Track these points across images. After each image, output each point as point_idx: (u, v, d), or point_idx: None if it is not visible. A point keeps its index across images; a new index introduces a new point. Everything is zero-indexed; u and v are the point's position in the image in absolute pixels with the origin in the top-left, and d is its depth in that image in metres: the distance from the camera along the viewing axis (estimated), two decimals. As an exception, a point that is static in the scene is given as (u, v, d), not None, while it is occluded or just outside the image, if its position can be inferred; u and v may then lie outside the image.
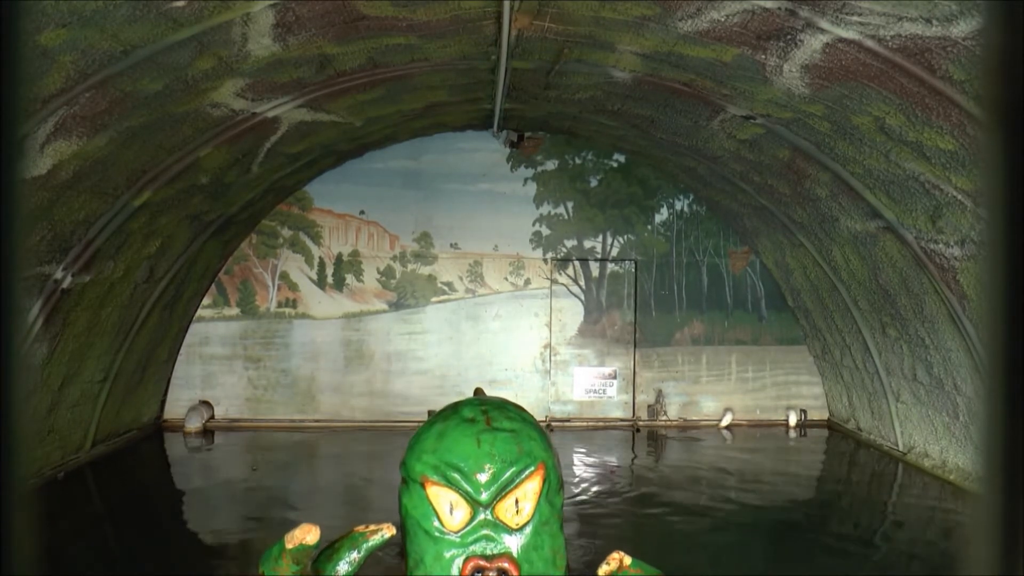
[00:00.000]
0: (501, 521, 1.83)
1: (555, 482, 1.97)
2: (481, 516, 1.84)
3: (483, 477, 1.84)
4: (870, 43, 4.44)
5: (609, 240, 10.06)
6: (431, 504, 1.86)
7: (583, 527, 6.20)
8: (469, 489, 1.83)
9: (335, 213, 9.81)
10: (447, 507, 1.85)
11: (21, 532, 0.56)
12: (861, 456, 8.60)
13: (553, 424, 9.88)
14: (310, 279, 9.85)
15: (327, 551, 2.17)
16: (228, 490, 7.41)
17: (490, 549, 1.79)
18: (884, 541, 6.15)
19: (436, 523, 1.83)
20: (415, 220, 9.92)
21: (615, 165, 9.99)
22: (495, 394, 9.48)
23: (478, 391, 3.17)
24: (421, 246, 9.96)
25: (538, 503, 1.88)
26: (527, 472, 1.88)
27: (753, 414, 10.07)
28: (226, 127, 6.33)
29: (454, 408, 2.07)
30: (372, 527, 2.12)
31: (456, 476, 1.84)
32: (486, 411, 2.00)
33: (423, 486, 1.87)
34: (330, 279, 9.86)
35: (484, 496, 1.83)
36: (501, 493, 1.85)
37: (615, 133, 8.67)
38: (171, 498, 7.16)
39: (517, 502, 1.84)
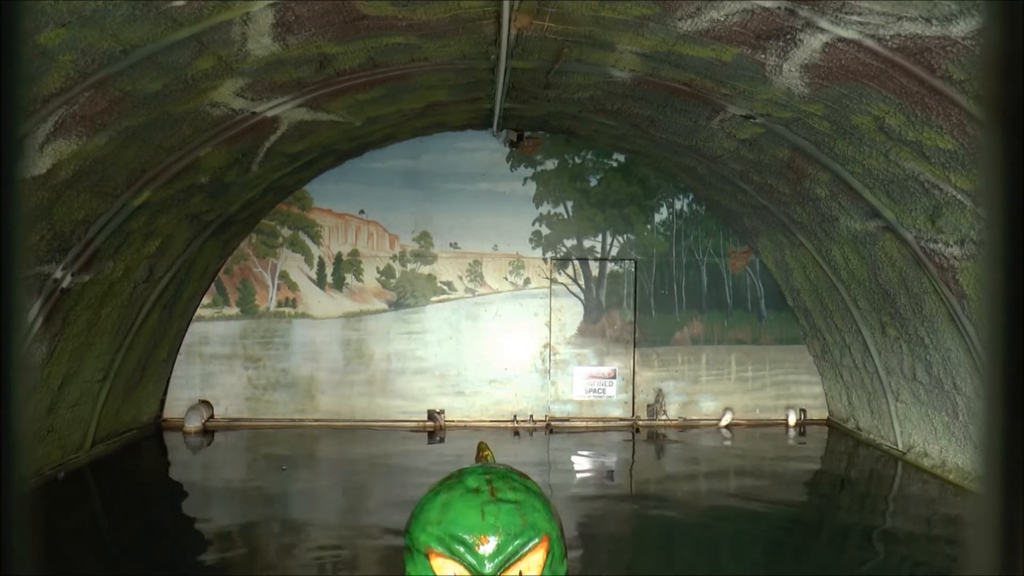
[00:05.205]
0: None
1: (559, 553, 2.02)
2: None
3: (487, 549, 1.90)
4: (870, 43, 4.44)
5: (609, 240, 10.06)
6: (435, 575, 1.91)
7: (582, 528, 6.20)
8: (473, 562, 1.89)
9: (335, 213, 9.81)
10: None
11: (21, 532, 0.56)
12: (860, 455, 8.60)
13: (553, 424, 9.88)
14: (310, 279, 9.85)
15: None
16: (228, 489, 7.41)
17: None
18: (883, 541, 6.15)
19: None
20: (415, 220, 9.92)
21: (615, 165, 9.99)
22: (496, 394, 9.49)
23: (481, 446, 3.21)
24: (421, 246, 9.96)
25: (541, 574, 1.93)
26: (531, 544, 1.92)
27: (753, 413, 10.07)
28: (226, 127, 6.33)
29: (459, 476, 2.11)
30: None
31: (460, 548, 1.89)
32: (490, 481, 2.05)
33: (428, 556, 1.92)
34: (330, 279, 9.86)
35: (488, 568, 1.89)
36: (505, 565, 1.90)
37: (615, 133, 8.67)
38: (171, 498, 7.16)
39: (521, 573, 1.89)
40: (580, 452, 9.01)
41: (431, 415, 9.80)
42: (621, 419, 10.02)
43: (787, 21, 4.52)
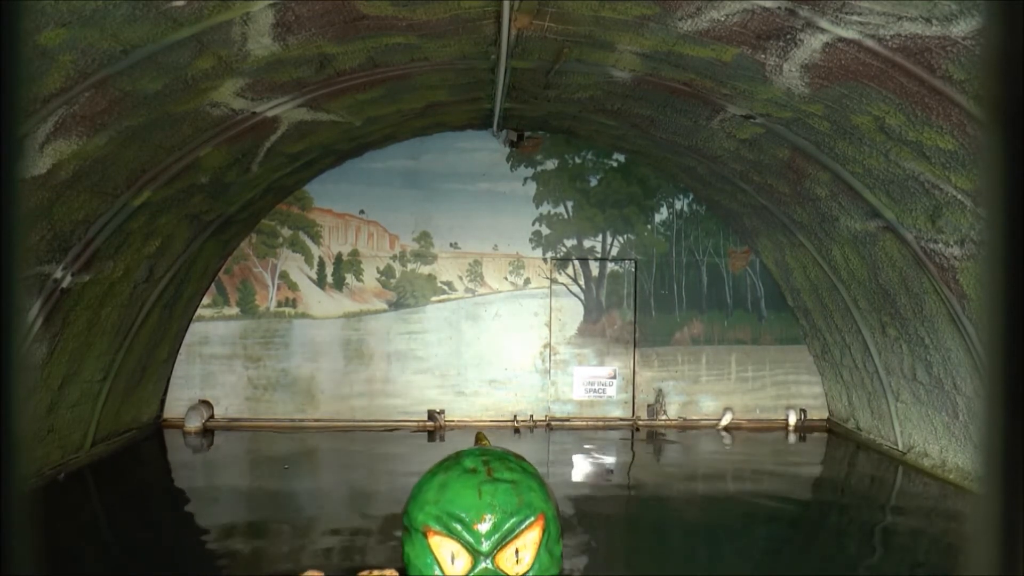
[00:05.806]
0: (501, 570, 1.90)
1: (555, 532, 2.03)
2: (482, 565, 1.91)
3: (484, 527, 1.91)
4: (870, 43, 4.44)
5: (609, 240, 10.06)
6: (433, 553, 1.93)
7: (582, 528, 6.20)
8: (470, 539, 1.91)
9: (335, 213, 9.81)
10: (449, 556, 1.92)
11: (21, 532, 0.56)
12: (861, 456, 8.60)
13: (553, 424, 9.88)
14: (310, 279, 9.85)
15: None
16: (228, 489, 7.41)
17: None
18: (883, 541, 6.15)
19: (438, 572, 1.90)
20: (415, 220, 9.92)
21: (615, 165, 9.99)
22: (496, 394, 9.50)
23: (479, 436, 3.23)
24: (421, 246, 9.96)
25: (538, 553, 1.95)
26: (527, 522, 1.94)
27: (753, 414, 10.07)
28: (226, 127, 6.33)
29: (456, 458, 2.12)
30: (376, 573, 2.20)
31: (457, 527, 1.91)
32: (487, 462, 2.06)
33: (425, 535, 1.93)
34: (330, 279, 9.86)
35: (485, 546, 1.90)
36: (501, 543, 1.92)
37: (615, 133, 8.67)
38: (171, 498, 7.16)
39: (517, 552, 1.91)
40: (579, 453, 9.01)
41: (431, 415, 9.80)
42: (621, 419, 10.02)
43: (787, 21, 4.52)
